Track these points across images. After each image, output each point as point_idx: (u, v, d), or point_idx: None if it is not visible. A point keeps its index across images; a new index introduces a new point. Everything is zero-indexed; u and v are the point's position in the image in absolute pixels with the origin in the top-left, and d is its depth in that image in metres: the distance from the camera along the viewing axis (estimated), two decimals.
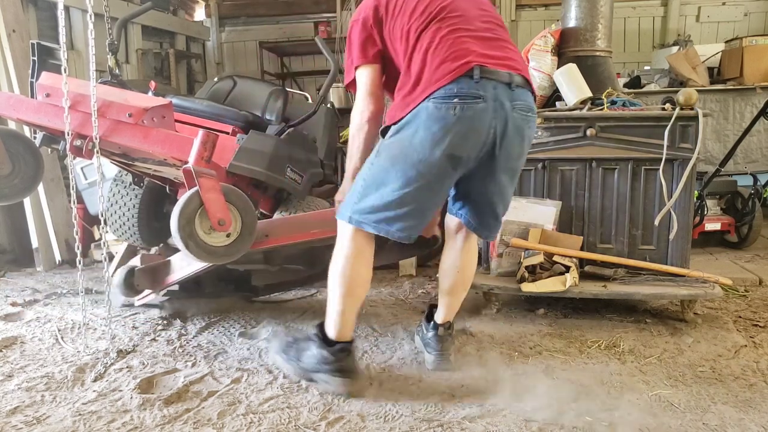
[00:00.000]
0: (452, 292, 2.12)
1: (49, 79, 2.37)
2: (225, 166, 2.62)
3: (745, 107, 4.71)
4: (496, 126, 1.73)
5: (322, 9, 6.87)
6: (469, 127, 1.70)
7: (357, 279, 1.87)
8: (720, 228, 3.96)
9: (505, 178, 1.86)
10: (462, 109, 1.69)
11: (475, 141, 1.73)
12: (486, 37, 1.81)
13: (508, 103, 1.74)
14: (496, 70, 1.73)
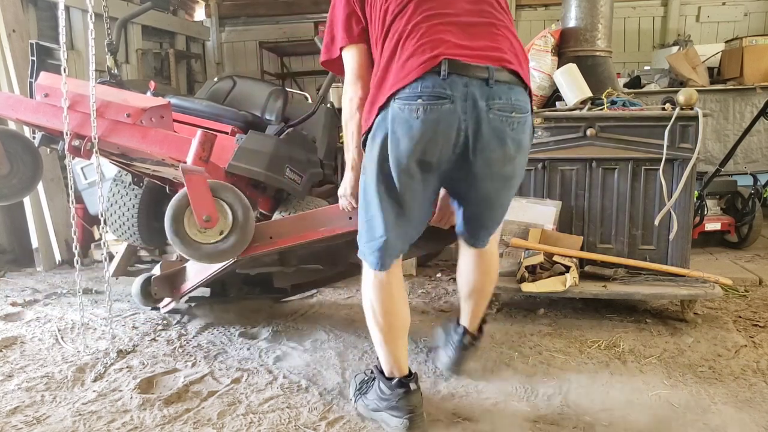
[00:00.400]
0: (470, 297, 1.98)
1: (47, 79, 2.37)
2: (224, 167, 2.62)
3: (745, 107, 4.71)
4: (466, 129, 1.53)
5: (322, 9, 6.85)
6: (434, 131, 1.51)
7: (389, 311, 1.72)
8: (720, 228, 3.96)
9: (491, 186, 1.66)
10: (425, 111, 1.50)
11: (444, 145, 1.54)
12: (468, 23, 1.58)
13: (482, 103, 1.52)
14: (470, 64, 1.52)
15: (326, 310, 2.83)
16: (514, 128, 1.58)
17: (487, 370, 2.15)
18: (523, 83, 1.61)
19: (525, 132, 1.63)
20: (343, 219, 1.96)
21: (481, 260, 1.91)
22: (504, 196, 1.74)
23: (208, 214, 1.96)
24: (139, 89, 3.02)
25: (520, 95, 1.60)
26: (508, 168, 1.64)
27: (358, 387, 1.88)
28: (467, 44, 1.54)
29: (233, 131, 2.93)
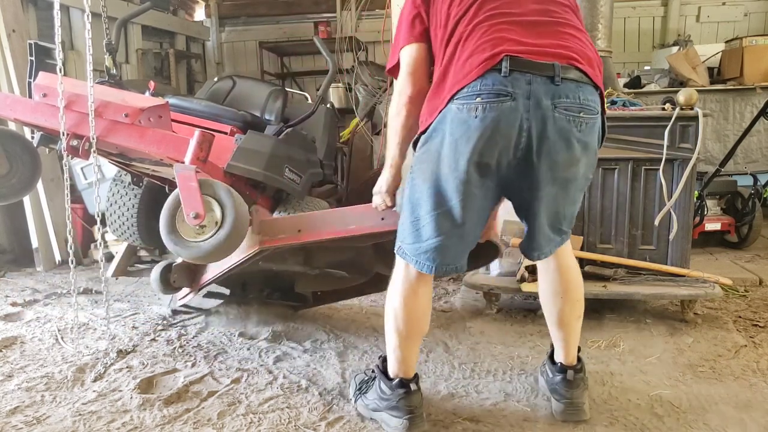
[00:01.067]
0: (562, 323, 1.79)
1: (45, 79, 2.37)
2: (223, 167, 2.62)
3: (745, 107, 4.71)
4: (530, 128, 1.44)
5: (322, 9, 6.86)
6: (494, 130, 1.43)
7: (412, 318, 1.68)
8: (720, 228, 3.96)
9: (554, 190, 1.55)
10: (485, 110, 1.43)
11: (504, 146, 1.46)
12: (534, 21, 1.51)
13: (547, 101, 1.43)
14: (533, 61, 1.44)
15: (326, 310, 2.83)
16: (582, 129, 1.49)
17: (486, 370, 2.15)
18: (593, 83, 1.53)
19: (593, 133, 1.54)
20: (375, 218, 1.86)
21: (566, 275, 1.76)
22: (568, 197, 1.60)
23: (196, 211, 1.90)
24: (138, 89, 3.02)
25: (590, 95, 1.51)
26: (572, 171, 1.54)
27: (358, 387, 1.87)
28: (532, 42, 1.48)
29: (232, 131, 2.93)
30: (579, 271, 1.81)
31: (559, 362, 1.82)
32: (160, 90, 3.14)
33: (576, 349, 1.83)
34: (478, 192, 1.51)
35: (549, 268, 1.77)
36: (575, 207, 1.67)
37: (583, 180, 1.60)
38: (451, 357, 2.26)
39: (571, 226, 1.71)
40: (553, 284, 1.78)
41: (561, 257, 1.76)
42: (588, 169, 1.59)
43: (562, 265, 1.76)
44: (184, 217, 1.95)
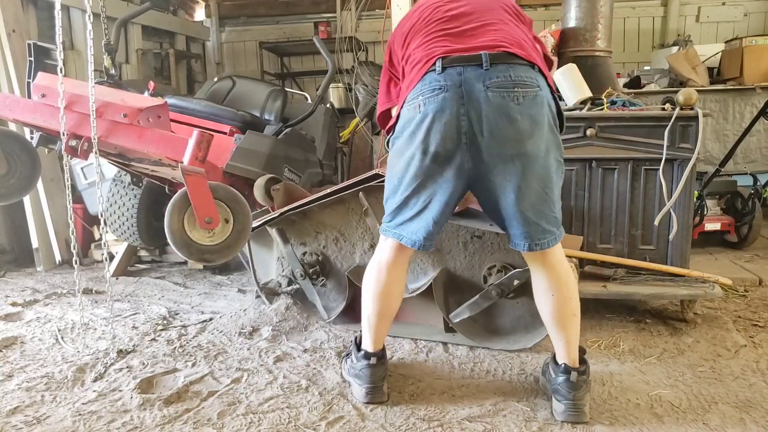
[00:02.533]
0: (557, 321, 1.80)
1: (44, 79, 2.37)
2: (222, 166, 2.62)
3: (745, 107, 4.71)
4: (468, 112, 1.61)
5: (322, 9, 6.87)
6: (434, 120, 1.63)
7: (387, 287, 1.86)
8: (720, 228, 3.96)
9: (514, 168, 1.63)
10: (425, 105, 1.64)
11: (448, 132, 1.63)
12: (464, 30, 1.73)
13: (479, 84, 1.60)
14: (463, 54, 1.65)
15: None
16: (521, 102, 1.61)
17: (486, 370, 2.15)
18: (528, 62, 1.65)
19: (537, 106, 1.63)
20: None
21: (554, 273, 1.78)
22: (540, 180, 1.66)
23: (210, 216, 2.01)
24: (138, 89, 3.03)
25: (524, 72, 1.64)
26: (527, 146, 1.62)
27: (348, 351, 2.09)
28: (462, 46, 1.68)
29: (232, 131, 2.93)
30: (570, 269, 1.84)
31: (563, 363, 1.81)
32: (160, 90, 3.15)
33: (577, 350, 1.82)
34: (438, 178, 1.69)
35: (539, 267, 1.80)
36: (554, 191, 1.72)
37: (548, 159, 1.68)
38: (451, 357, 2.26)
39: (559, 217, 1.76)
40: (543, 282, 1.80)
41: (551, 256, 1.78)
42: (550, 147, 1.68)
43: (552, 263, 1.78)
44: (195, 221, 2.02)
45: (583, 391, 1.77)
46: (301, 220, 2.54)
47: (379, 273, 1.87)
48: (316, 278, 2.57)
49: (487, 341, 2.32)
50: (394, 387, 2.00)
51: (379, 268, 1.87)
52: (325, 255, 2.57)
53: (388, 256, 1.86)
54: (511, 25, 1.78)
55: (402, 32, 1.87)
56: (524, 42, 1.72)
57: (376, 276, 1.87)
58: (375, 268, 1.88)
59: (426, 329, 2.45)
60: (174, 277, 3.61)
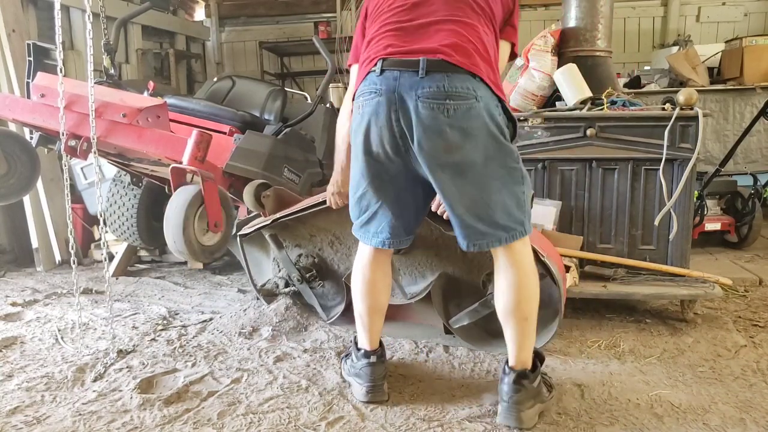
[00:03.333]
0: (506, 321, 1.76)
1: (44, 79, 2.37)
2: (221, 166, 2.62)
3: (745, 107, 4.71)
4: (399, 119, 1.60)
5: (322, 9, 6.86)
6: (369, 123, 1.65)
7: (371, 284, 1.89)
8: (720, 228, 3.96)
9: (447, 176, 1.61)
10: (362, 107, 1.67)
11: (384, 135, 1.64)
12: (416, 26, 1.69)
13: (410, 93, 1.58)
14: (401, 59, 1.62)
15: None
16: (451, 115, 1.56)
17: (486, 370, 2.15)
18: (468, 72, 1.59)
19: (471, 118, 1.57)
20: None
21: (507, 274, 1.73)
22: (477, 187, 1.63)
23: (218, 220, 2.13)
24: (138, 89, 3.03)
25: (461, 82, 1.58)
26: (457, 157, 1.59)
27: (347, 351, 2.10)
28: (405, 44, 1.66)
29: (231, 131, 2.93)
30: (533, 273, 1.75)
31: (505, 364, 1.79)
32: (159, 90, 3.15)
33: (526, 353, 1.76)
34: (386, 177, 1.71)
35: (500, 264, 1.74)
36: (497, 196, 1.64)
37: (488, 167, 1.61)
38: (451, 357, 2.26)
39: (516, 221, 1.67)
40: (500, 279, 1.74)
41: (510, 254, 1.71)
42: (491, 155, 1.61)
43: (511, 261, 1.71)
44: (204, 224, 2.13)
45: (523, 395, 1.71)
46: (296, 224, 2.52)
47: (363, 271, 1.90)
48: (313, 281, 2.57)
49: (488, 345, 2.31)
50: (394, 387, 2.00)
51: (362, 266, 1.90)
52: (321, 257, 2.57)
53: (366, 255, 1.89)
54: (468, 24, 1.68)
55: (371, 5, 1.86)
56: (472, 47, 1.64)
57: (360, 275, 1.90)
58: (358, 266, 1.91)
59: (427, 330, 2.46)
60: (174, 277, 3.61)
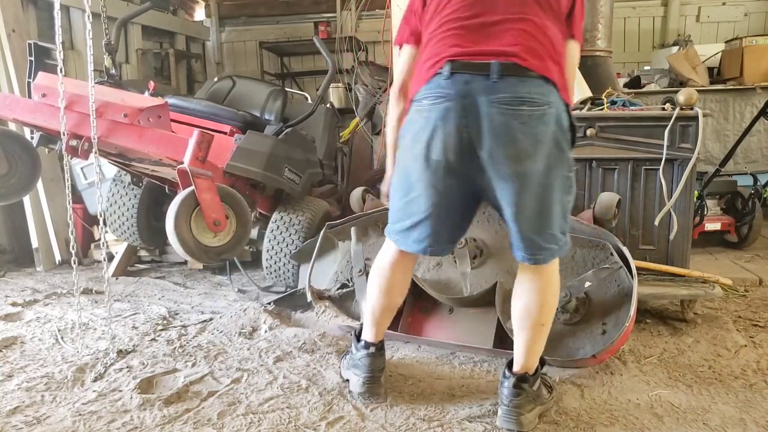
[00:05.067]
0: (521, 325, 1.74)
1: (44, 79, 2.37)
2: (222, 167, 2.62)
3: (745, 107, 4.71)
4: (467, 125, 1.53)
5: (322, 9, 6.87)
6: (435, 129, 1.56)
7: (390, 285, 1.86)
8: (720, 228, 3.96)
9: (511, 186, 1.56)
10: (428, 111, 1.58)
11: (448, 143, 1.55)
12: (482, 23, 1.60)
13: (483, 98, 1.51)
14: (471, 62, 1.55)
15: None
16: (525, 122, 1.51)
17: (486, 370, 2.15)
18: (542, 76, 1.55)
19: (543, 125, 1.53)
20: None
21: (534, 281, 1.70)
22: (538, 198, 1.58)
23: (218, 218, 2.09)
24: (138, 89, 3.03)
25: (535, 87, 1.53)
26: (527, 165, 1.53)
27: (348, 349, 2.08)
28: (474, 45, 1.58)
29: (232, 131, 2.93)
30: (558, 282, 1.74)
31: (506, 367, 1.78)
32: (160, 90, 3.15)
33: (533, 358, 1.75)
34: (441, 185, 1.62)
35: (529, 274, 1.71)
36: (555, 207, 1.60)
37: (549, 177, 1.57)
38: (452, 357, 2.26)
39: (564, 232, 1.66)
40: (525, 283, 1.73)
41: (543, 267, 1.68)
42: (553, 164, 1.56)
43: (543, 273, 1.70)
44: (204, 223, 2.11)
45: (523, 399, 1.70)
46: (378, 236, 2.62)
47: (384, 270, 1.86)
48: None
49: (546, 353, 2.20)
50: (394, 387, 2.00)
51: (387, 266, 1.85)
52: None
53: (393, 256, 1.84)
54: (537, 23, 1.60)
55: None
56: (543, 49, 1.58)
57: (383, 273, 1.86)
58: (383, 265, 1.86)
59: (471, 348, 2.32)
60: (174, 277, 3.62)
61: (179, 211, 2.03)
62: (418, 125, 1.61)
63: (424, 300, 2.47)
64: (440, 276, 2.51)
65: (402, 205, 1.72)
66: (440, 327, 2.40)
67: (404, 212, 1.72)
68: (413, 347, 2.35)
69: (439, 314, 2.44)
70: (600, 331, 2.15)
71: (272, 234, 3.02)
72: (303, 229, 2.99)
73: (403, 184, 1.70)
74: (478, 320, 2.33)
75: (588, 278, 2.21)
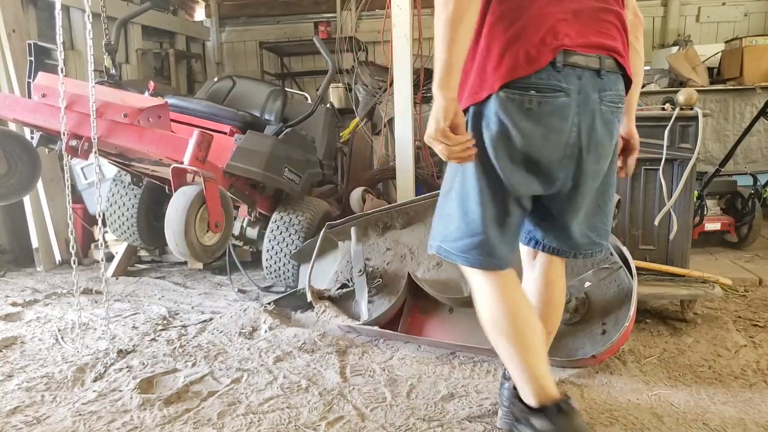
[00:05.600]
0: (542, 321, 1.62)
1: (44, 79, 2.37)
2: (222, 167, 2.63)
3: (745, 107, 4.71)
4: (580, 124, 1.39)
5: (322, 9, 6.87)
6: (547, 126, 1.37)
7: (517, 320, 1.47)
8: (720, 228, 3.96)
9: (595, 184, 1.50)
10: (539, 104, 1.35)
11: (556, 143, 1.39)
12: (590, 10, 1.41)
13: (595, 95, 1.39)
14: (583, 54, 1.38)
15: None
16: (620, 119, 1.49)
17: (486, 370, 2.15)
18: (624, 70, 1.48)
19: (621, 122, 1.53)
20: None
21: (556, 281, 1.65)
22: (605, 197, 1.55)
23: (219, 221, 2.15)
24: (138, 89, 3.03)
25: (622, 83, 1.48)
26: (608, 162, 1.50)
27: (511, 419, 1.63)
28: (581, 32, 1.39)
29: (232, 131, 2.93)
30: (564, 289, 1.72)
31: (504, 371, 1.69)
32: (160, 90, 3.15)
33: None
34: (523, 189, 1.44)
35: (551, 271, 1.65)
36: (611, 204, 1.59)
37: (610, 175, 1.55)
38: (452, 357, 2.26)
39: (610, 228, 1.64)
40: (544, 288, 1.66)
41: (552, 268, 1.65)
42: (613, 160, 1.55)
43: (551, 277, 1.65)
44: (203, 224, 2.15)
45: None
46: (377, 236, 2.68)
47: (496, 309, 1.49)
48: (372, 280, 2.60)
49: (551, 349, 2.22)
50: (394, 387, 2.00)
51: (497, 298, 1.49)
52: (386, 271, 2.63)
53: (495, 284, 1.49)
54: (622, 15, 1.49)
55: None
56: (626, 43, 1.50)
57: (494, 314, 1.49)
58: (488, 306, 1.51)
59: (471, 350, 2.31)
60: (174, 277, 3.62)
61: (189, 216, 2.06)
62: (517, 118, 1.36)
63: (424, 300, 2.47)
64: (440, 276, 2.52)
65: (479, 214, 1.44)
66: (440, 327, 2.40)
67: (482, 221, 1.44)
68: (413, 347, 2.35)
69: (439, 314, 2.44)
70: (600, 331, 2.15)
71: (272, 234, 3.02)
72: (303, 229, 2.99)
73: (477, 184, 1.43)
74: (478, 320, 2.32)
75: (588, 278, 2.21)
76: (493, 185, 1.42)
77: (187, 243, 2.07)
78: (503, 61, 1.37)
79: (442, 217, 1.54)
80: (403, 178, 3.55)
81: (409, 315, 2.48)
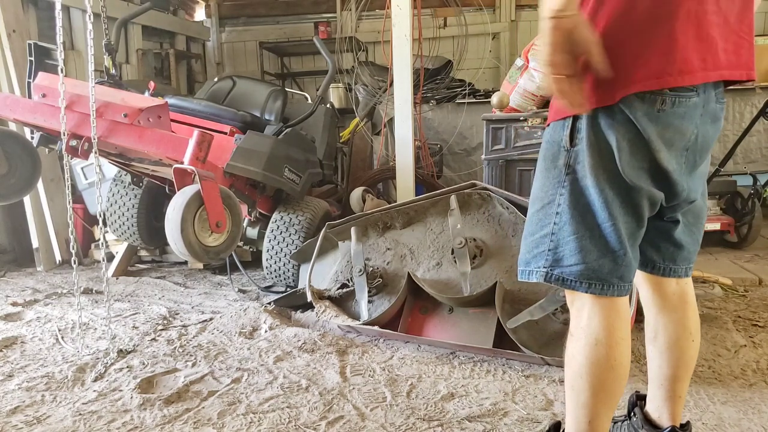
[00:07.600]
0: (685, 374, 1.46)
1: (45, 79, 2.37)
2: (222, 167, 2.63)
3: (745, 107, 4.71)
4: (700, 124, 1.24)
5: (322, 9, 6.88)
6: (676, 128, 1.19)
7: (613, 369, 1.25)
8: (720, 228, 3.96)
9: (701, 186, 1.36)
10: (672, 104, 1.17)
11: (680, 146, 1.23)
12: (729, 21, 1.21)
13: (712, 92, 1.23)
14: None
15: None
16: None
17: (486, 370, 2.15)
18: None
19: None
20: None
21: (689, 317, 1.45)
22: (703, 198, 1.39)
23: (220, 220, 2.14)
24: (139, 89, 3.03)
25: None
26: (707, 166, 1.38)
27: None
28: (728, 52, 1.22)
29: (232, 131, 2.94)
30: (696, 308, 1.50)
31: (670, 426, 1.46)
32: (160, 90, 3.15)
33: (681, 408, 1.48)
34: (650, 199, 1.25)
35: (677, 299, 1.44)
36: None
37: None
38: (452, 357, 2.26)
39: None
40: (678, 328, 1.44)
41: (688, 290, 1.44)
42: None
43: (690, 300, 1.44)
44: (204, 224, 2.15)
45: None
46: (377, 236, 2.69)
47: (609, 353, 1.25)
48: (372, 280, 2.59)
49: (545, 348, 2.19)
50: (394, 387, 2.00)
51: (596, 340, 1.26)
52: (386, 271, 2.62)
53: (607, 314, 1.26)
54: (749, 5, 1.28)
55: None
56: None
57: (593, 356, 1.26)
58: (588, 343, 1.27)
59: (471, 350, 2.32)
60: (174, 277, 3.62)
61: (185, 215, 2.05)
62: (647, 121, 1.17)
63: (424, 300, 2.47)
64: (440, 276, 2.52)
65: (611, 231, 1.23)
66: (440, 327, 2.41)
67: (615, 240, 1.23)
68: (413, 347, 2.35)
69: (439, 314, 2.45)
70: None
71: (272, 234, 3.02)
72: (303, 229, 2.99)
73: (608, 198, 1.21)
74: (478, 320, 2.33)
75: None
76: (620, 195, 1.22)
77: (185, 241, 2.06)
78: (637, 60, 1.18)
79: (544, 236, 1.29)
80: (403, 178, 3.55)
81: (409, 315, 2.48)
